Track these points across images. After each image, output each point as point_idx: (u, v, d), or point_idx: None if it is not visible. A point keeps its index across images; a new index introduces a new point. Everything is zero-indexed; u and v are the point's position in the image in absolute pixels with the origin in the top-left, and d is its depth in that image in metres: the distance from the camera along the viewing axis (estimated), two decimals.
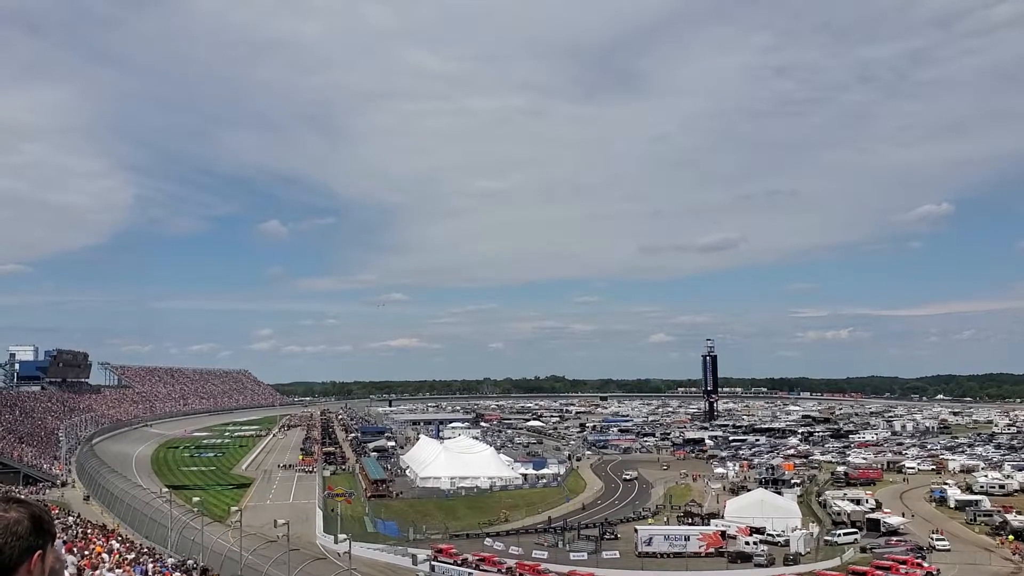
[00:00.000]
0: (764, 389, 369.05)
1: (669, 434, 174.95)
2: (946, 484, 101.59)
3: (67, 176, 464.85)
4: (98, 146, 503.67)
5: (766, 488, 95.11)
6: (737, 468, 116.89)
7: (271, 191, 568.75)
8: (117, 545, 38.73)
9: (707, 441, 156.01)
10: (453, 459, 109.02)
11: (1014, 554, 70.93)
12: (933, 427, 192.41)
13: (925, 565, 64.65)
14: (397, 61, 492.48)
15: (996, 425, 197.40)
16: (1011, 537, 76.10)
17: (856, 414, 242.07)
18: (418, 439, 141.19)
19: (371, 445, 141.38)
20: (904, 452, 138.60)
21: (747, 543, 72.77)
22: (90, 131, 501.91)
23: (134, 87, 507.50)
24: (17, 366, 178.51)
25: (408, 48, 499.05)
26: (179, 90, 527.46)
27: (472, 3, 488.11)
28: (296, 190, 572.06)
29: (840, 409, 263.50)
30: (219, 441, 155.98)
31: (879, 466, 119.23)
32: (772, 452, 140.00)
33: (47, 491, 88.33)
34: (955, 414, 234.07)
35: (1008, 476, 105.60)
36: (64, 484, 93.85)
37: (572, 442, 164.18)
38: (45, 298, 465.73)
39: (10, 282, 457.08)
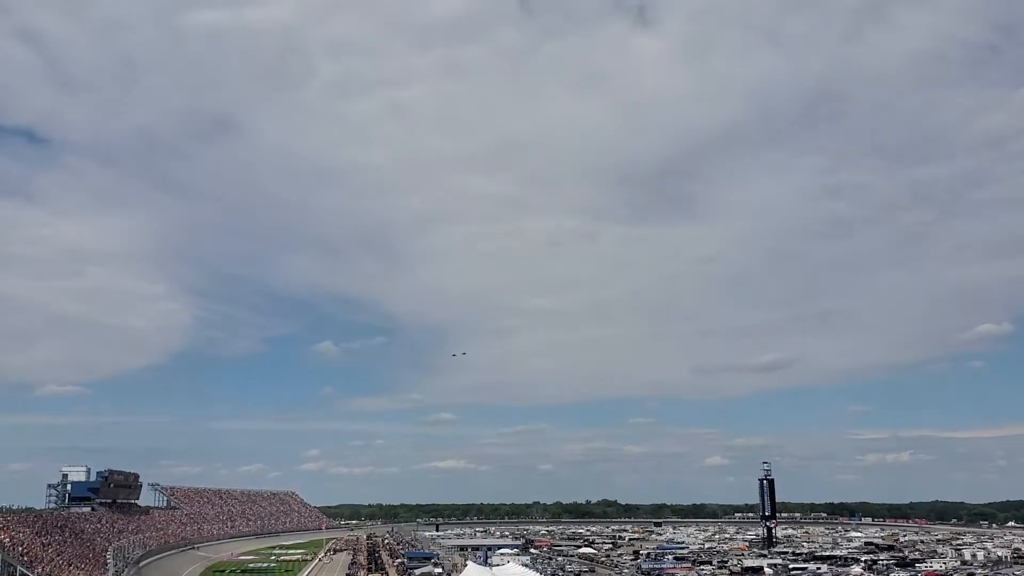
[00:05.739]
0: (824, 514, 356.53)
1: (727, 562, 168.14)
2: None
3: (129, 299, 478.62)
4: (160, 270, 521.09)
5: None
6: None
7: (326, 312, 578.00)
8: None
9: (766, 569, 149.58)
10: None
11: None
12: (1006, 556, 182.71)
13: None
14: (454, 186, 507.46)
15: None
16: None
17: (922, 541, 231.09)
18: (466, 565, 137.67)
19: (418, 571, 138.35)
20: None
21: None
22: (153, 256, 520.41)
23: (198, 213, 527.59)
24: (69, 487, 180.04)
25: (465, 174, 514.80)
26: (241, 216, 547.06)
27: (528, 131, 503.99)
28: (349, 310, 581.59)
29: (904, 536, 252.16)
30: (265, 565, 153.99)
31: None
32: None
33: None
34: None
35: None
36: None
37: (626, 570, 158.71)
38: (102, 418, 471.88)
39: (68, 403, 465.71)
